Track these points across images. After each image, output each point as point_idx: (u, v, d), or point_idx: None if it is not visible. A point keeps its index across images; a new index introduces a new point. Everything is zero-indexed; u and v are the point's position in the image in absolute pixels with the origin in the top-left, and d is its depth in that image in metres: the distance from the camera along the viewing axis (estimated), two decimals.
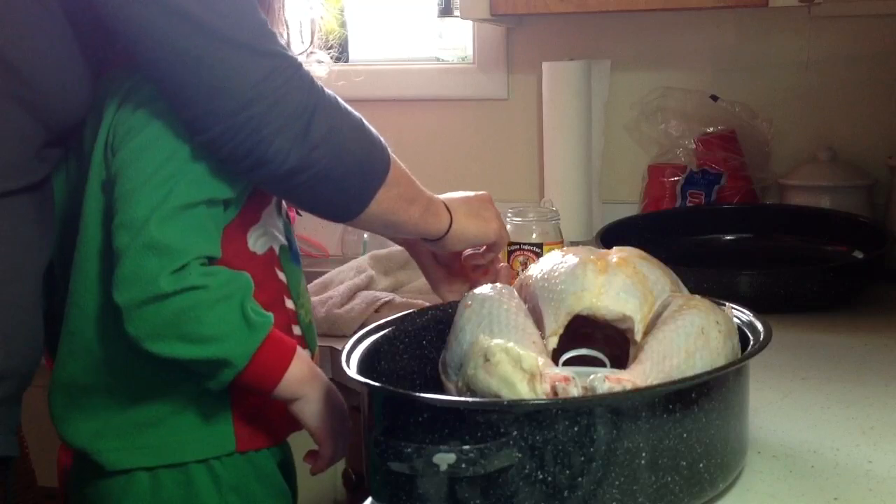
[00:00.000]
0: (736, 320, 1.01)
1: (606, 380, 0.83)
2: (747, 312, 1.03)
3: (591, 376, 0.84)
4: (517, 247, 1.57)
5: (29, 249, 1.08)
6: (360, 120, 1.10)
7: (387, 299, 1.63)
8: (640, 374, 0.87)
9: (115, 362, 1.10)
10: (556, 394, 0.84)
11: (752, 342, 0.97)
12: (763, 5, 1.74)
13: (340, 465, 1.62)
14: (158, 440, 1.11)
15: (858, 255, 1.70)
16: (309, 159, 1.03)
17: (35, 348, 1.10)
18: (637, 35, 2.07)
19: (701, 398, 0.85)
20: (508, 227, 1.58)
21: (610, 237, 1.75)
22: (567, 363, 0.94)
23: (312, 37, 1.25)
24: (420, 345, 1.07)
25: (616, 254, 1.01)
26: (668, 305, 0.96)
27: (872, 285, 1.63)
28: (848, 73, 1.97)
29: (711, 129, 2.01)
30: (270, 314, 1.07)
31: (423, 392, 0.90)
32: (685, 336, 0.91)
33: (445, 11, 2.12)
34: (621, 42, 2.09)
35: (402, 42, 2.30)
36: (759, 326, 0.99)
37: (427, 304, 1.31)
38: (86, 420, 1.12)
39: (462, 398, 0.88)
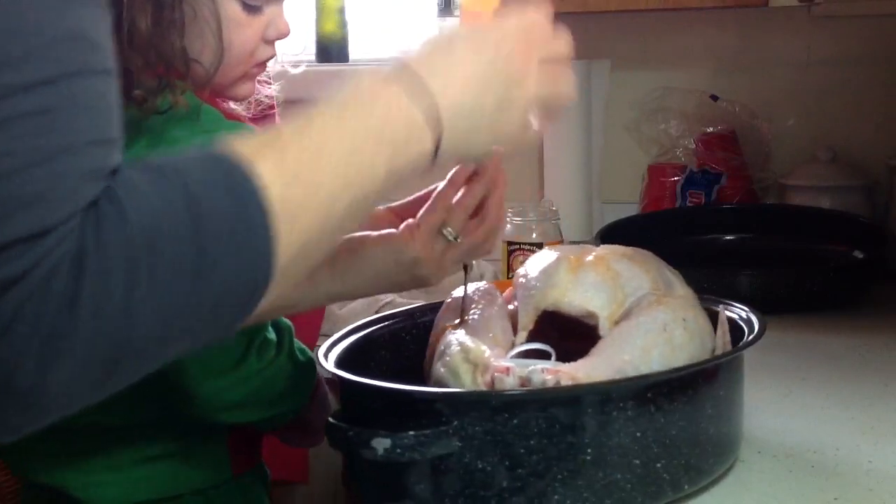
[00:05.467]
0: (737, 320, 1.02)
1: (545, 372, 0.84)
2: (746, 309, 1.04)
3: (530, 368, 0.85)
4: (517, 247, 1.57)
5: None
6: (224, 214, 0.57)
7: (388, 300, 1.63)
8: (583, 368, 0.87)
9: (119, 402, 1.07)
10: (493, 385, 0.86)
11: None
12: (763, 5, 1.75)
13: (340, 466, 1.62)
14: (154, 473, 1.07)
15: (858, 255, 1.70)
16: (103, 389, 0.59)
17: None
18: (637, 35, 2.07)
19: (659, 397, 0.85)
20: (508, 227, 1.58)
21: (610, 237, 1.75)
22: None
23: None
24: (426, 341, 1.08)
25: (595, 252, 1.01)
26: (641, 303, 0.97)
27: (872, 285, 1.63)
28: (848, 73, 1.97)
29: (711, 129, 2.01)
30: None
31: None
32: (644, 332, 0.91)
33: (445, 11, 2.12)
34: (621, 42, 2.09)
35: (402, 41, 2.30)
36: (757, 324, 0.99)
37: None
38: (61, 457, 1.06)
39: (392, 385, 0.89)
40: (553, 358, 0.93)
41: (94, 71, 0.55)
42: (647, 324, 0.92)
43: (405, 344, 1.07)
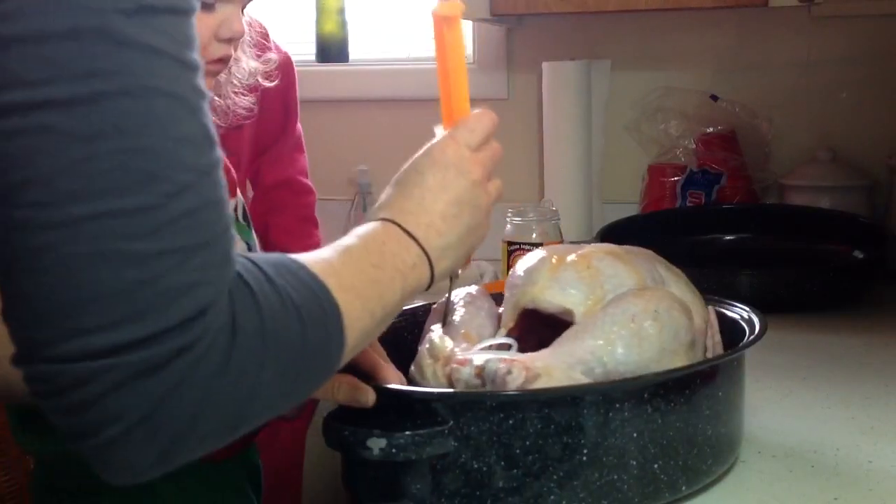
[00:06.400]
0: (738, 320, 1.02)
1: (501, 362, 0.85)
2: (747, 308, 1.03)
3: (486, 358, 0.86)
4: (517, 246, 1.57)
5: None
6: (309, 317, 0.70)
7: None
8: (541, 358, 0.87)
9: None
10: (451, 376, 0.87)
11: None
12: (763, 5, 1.74)
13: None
14: None
15: (858, 255, 1.70)
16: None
17: None
18: (637, 35, 2.07)
19: (657, 398, 0.85)
20: (508, 227, 1.58)
21: (610, 237, 1.75)
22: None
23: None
24: None
25: (581, 250, 1.01)
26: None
27: (872, 285, 1.63)
28: (848, 73, 1.97)
29: (711, 129, 2.01)
30: None
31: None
32: (611, 322, 0.90)
33: None
34: (621, 42, 2.09)
35: (402, 42, 2.30)
36: (758, 324, 0.99)
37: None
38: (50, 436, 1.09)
39: (389, 385, 0.88)
40: (514, 349, 0.93)
41: (217, 166, 0.65)
42: (615, 314, 0.91)
43: (406, 343, 1.07)
